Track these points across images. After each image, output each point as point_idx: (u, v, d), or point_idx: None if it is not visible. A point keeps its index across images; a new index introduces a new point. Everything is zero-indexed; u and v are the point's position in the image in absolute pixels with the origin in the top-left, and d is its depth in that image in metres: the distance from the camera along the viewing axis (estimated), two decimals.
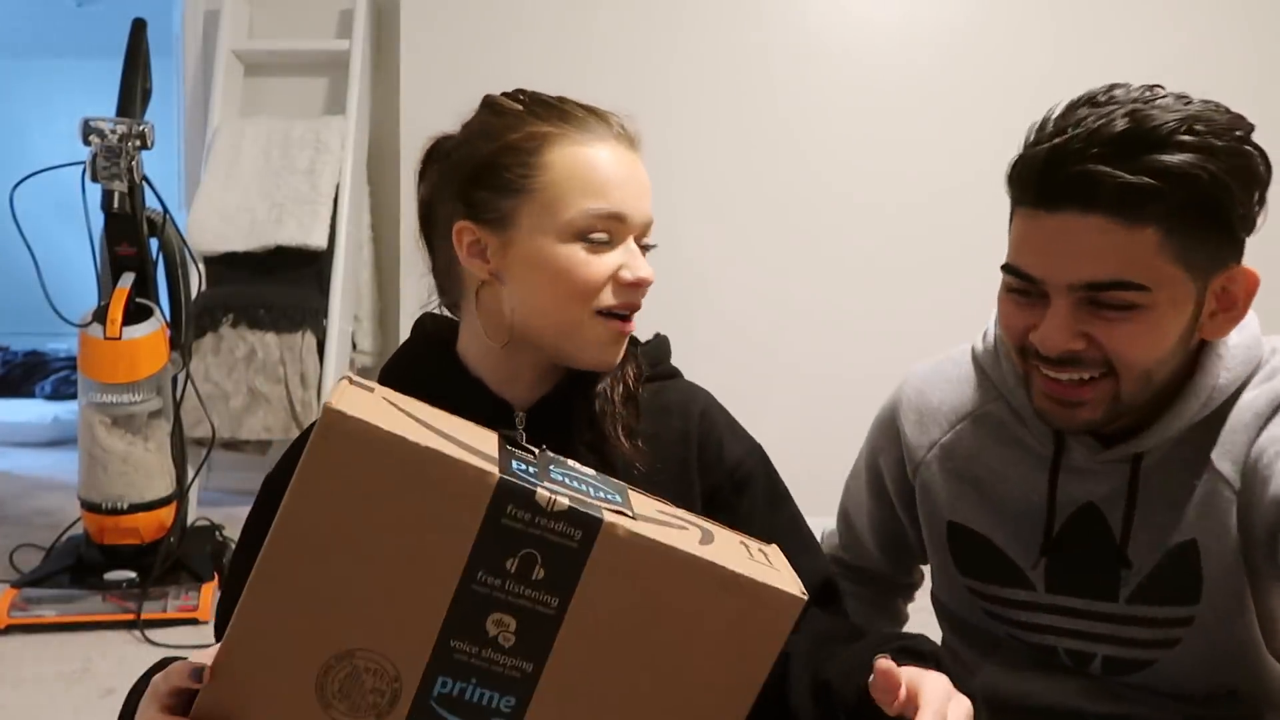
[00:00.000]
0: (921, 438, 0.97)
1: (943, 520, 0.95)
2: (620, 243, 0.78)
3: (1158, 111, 0.74)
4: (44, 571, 2.20)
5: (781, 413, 2.81)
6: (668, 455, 0.83)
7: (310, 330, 2.82)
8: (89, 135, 2.07)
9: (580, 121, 0.78)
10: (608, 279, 0.77)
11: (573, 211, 0.75)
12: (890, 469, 1.02)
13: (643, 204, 0.78)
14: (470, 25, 2.93)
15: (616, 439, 0.80)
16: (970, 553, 0.94)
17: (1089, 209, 0.74)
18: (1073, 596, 0.89)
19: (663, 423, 0.85)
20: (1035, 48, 2.77)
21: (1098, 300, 0.76)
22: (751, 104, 2.87)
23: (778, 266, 2.89)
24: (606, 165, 0.77)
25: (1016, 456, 0.90)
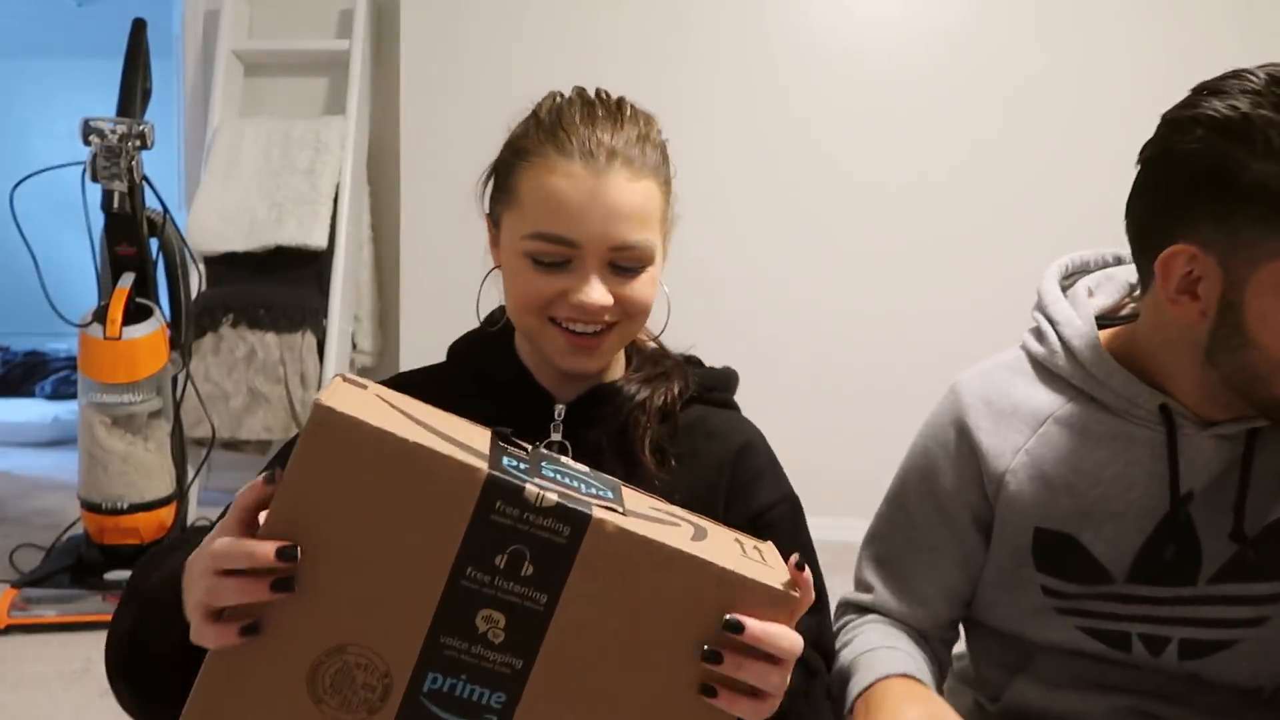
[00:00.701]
0: (1003, 444, 0.92)
1: (1029, 528, 0.91)
2: (580, 265, 0.76)
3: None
4: (44, 571, 2.20)
5: (782, 413, 2.82)
6: (698, 478, 0.83)
7: (310, 330, 2.82)
8: (89, 135, 2.07)
9: (560, 143, 0.76)
10: (554, 298, 0.77)
11: (526, 232, 0.77)
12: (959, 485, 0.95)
13: (605, 227, 0.75)
14: (470, 25, 2.93)
15: (642, 452, 0.81)
16: (1052, 552, 0.90)
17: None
18: (1152, 585, 0.88)
19: (702, 445, 0.85)
20: (1039, 48, 2.77)
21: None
22: (753, 104, 2.88)
23: (779, 266, 2.89)
24: (563, 192, 0.75)
25: (1108, 458, 0.88)
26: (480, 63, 2.91)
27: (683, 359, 0.91)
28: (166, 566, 0.66)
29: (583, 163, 0.75)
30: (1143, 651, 0.89)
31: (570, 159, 0.75)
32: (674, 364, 0.89)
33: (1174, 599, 0.87)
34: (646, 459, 0.81)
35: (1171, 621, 0.88)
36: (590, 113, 0.79)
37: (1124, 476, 0.87)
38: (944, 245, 2.81)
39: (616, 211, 0.75)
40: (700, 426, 0.86)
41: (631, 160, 0.77)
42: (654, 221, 0.79)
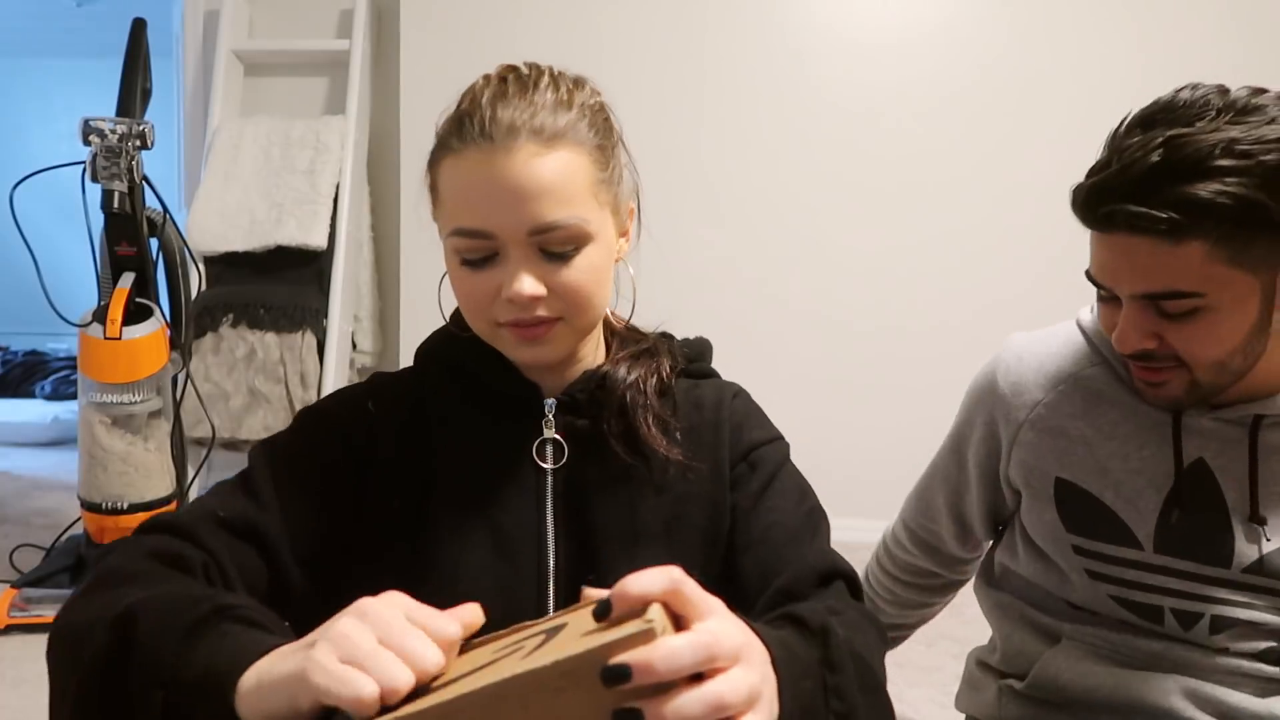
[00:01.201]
0: (1022, 398, 0.99)
1: (1050, 476, 0.97)
2: (505, 256, 0.71)
3: (1199, 139, 0.77)
4: (44, 571, 2.20)
5: (782, 413, 2.81)
6: (703, 449, 0.80)
7: (310, 330, 2.82)
8: (89, 135, 2.07)
9: (462, 129, 0.71)
10: (491, 297, 0.72)
11: (445, 230, 0.73)
12: (983, 434, 1.04)
13: (518, 211, 0.69)
14: (470, 25, 2.94)
15: (648, 431, 0.78)
16: (1079, 510, 0.95)
17: (1134, 233, 0.79)
18: (1183, 559, 0.90)
19: (697, 417, 0.82)
20: (1044, 48, 2.77)
21: (1159, 307, 0.82)
22: (754, 103, 2.88)
23: (780, 266, 2.89)
24: (467, 181, 0.70)
25: (1120, 417, 0.94)
26: (480, 63, 2.89)
27: (659, 335, 0.88)
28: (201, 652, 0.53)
29: (482, 144, 0.69)
30: (1174, 624, 0.91)
31: (472, 144, 0.70)
32: (655, 340, 0.85)
33: (1206, 578, 0.89)
34: (654, 437, 0.78)
35: (1204, 599, 0.90)
36: (501, 89, 0.72)
37: (1136, 435, 0.93)
38: (947, 245, 2.81)
39: (524, 191, 0.68)
40: (690, 398, 0.83)
41: (540, 130, 0.69)
42: (579, 195, 0.71)
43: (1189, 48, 2.72)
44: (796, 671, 0.52)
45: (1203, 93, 0.80)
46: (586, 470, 0.78)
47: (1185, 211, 0.76)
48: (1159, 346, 0.84)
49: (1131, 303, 0.83)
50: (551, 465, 0.78)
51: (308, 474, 0.76)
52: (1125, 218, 0.79)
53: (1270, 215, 0.76)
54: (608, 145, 0.76)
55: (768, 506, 0.79)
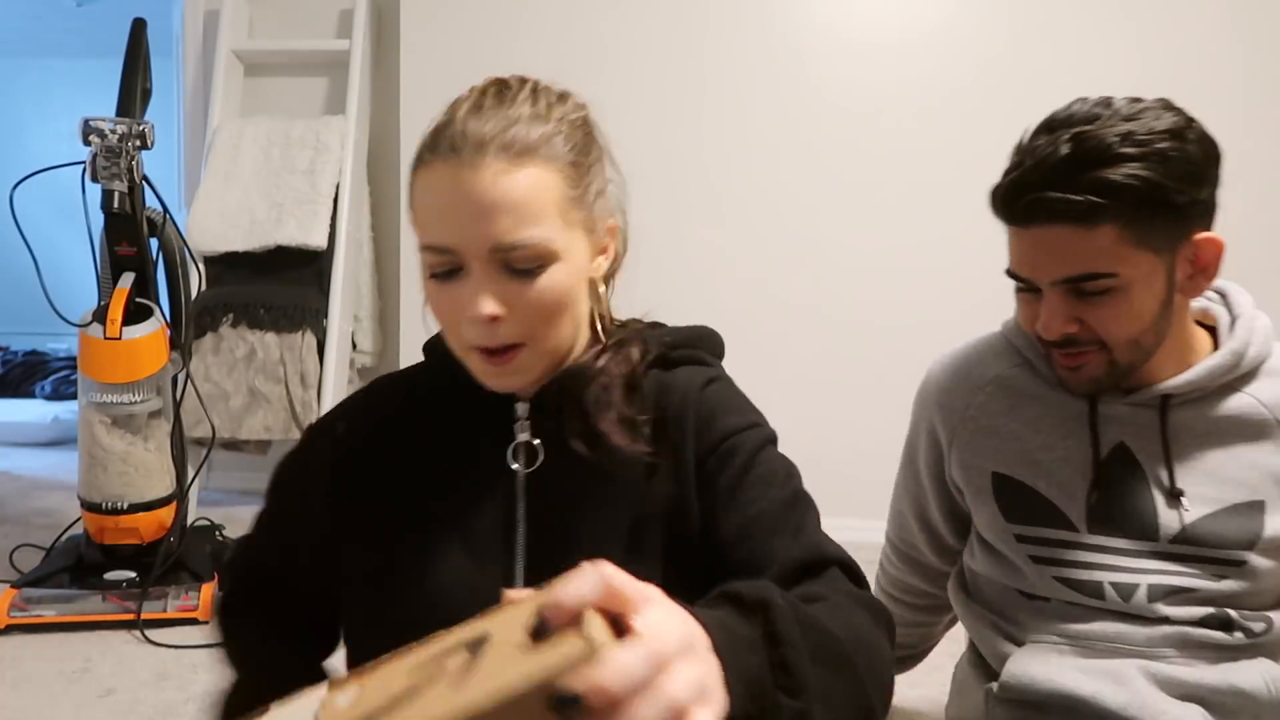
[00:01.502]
0: (955, 402, 1.08)
1: (987, 472, 1.04)
2: (469, 272, 0.69)
3: (1100, 132, 0.87)
4: (44, 571, 2.20)
5: (782, 413, 2.81)
6: (665, 443, 0.77)
7: (310, 330, 2.82)
8: (89, 135, 2.07)
9: (434, 142, 0.70)
10: (459, 313, 0.71)
11: (419, 245, 0.72)
12: (928, 442, 1.12)
13: (478, 227, 0.67)
14: (470, 25, 2.94)
15: (609, 428, 0.75)
16: (1015, 501, 1.02)
17: (1052, 222, 0.89)
18: (1114, 536, 0.97)
19: (665, 403, 0.78)
20: (1043, 48, 2.77)
21: (1078, 290, 0.90)
22: (754, 103, 2.88)
23: (779, 266, 2.89)
24: (432, 195, 0.69)
25: (1043, 412, 1.02)
26: (480, 63, 2.90)
27: (644, 325, 0.85)
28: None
29: (449, 158, 0.68)
30: (1115, 597, 0.97)
31: (439, 158, 0.69)
32: (630, 332, 0.82)
33: (1138, 552, 0.97)
34: (615, 433, 0.75)
35: (1138, 571, 0.97)
36: (479, 102, 0.71)
37: (1060, 427, 1.01)
38: (947, 243, 2.81)
39: (488, 207, 0.67)
40: (663, 382, 0.80)
41: (510, 145, 0.68)
42: (546, 213, 0.69)
43: (1188, 47, 2.72)
44: (739, 650, 0.49)
45: (1093, 102, 0.92)
46: (559, 473, 0.77)
47: (1099, 193, 0.85)
48: (1080, 330, 0.92)
49: (1052, 290, 0.91)
50: (524, 469, 0.77)
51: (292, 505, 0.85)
52: (1046, 204, 0.87)
53: (1168, 196, 0.86)
54: (584, 162, 0.74)
55: (747, 499, 0.74)
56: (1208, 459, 0.96)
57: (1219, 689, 0.93)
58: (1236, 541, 0.94)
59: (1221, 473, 0.96)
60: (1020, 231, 0.92)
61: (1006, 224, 0.94)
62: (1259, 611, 0.96)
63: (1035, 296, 0.94)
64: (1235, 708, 0.93)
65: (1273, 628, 0.96)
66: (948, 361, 1.12)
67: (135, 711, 1.72)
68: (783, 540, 0.72)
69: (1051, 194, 0.87)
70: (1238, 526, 0.94)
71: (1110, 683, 0.94)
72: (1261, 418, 0.96)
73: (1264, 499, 0.95)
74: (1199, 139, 0.89)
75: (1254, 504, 0.95)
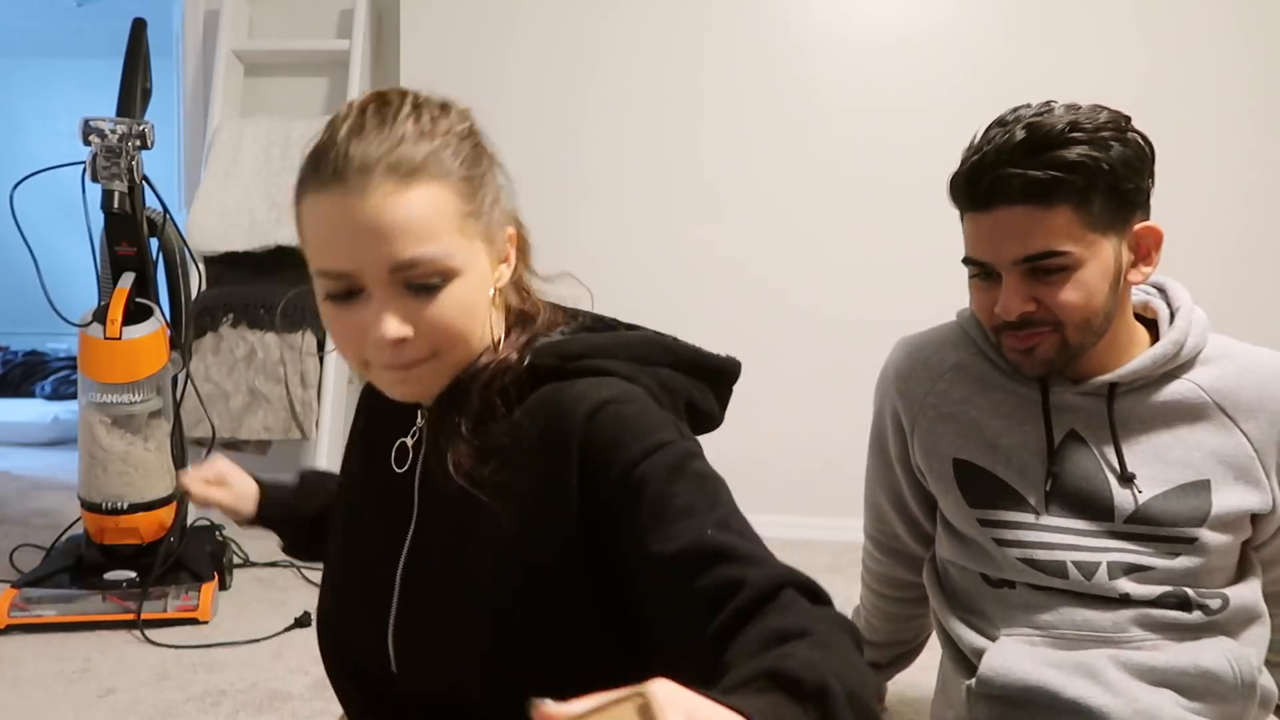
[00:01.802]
0: (916, 389, 1.13)
1: (949, 459, 1.09)
2: (370, 295, 0.68)
3: (1051, 117, 0.95)
4: (44, 571, 2.19)
5: (782, 413, 2.82)
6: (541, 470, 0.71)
7: (310, 330, 2.82)
8: (89, 135, 2.07)
9: (317, 169, 0.69)
10: (360, 335, 0.70)
11: (312, 271, 0.71)
12: (893, 428, 1.17)
13: (377, 249, 0.66)
14: (470, 25, 2.93)
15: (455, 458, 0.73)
16: (977, 486, 1.07)
17: (1012, 203, 0.95)
18: (1072, 517, 1.02)
19: (549, 422, 0.71)
20: (1042, 47, 2.77)
21: (1037, 269, 0.96)
22: (752, 103, 2.87)
23: (779, 265, 2.89)
24: (323, 222, 0.68)
25: (1001, 399, 1.08)
26: (480, 63, 2.91)
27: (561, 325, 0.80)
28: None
29: (334, 185, 0.67)
30: (1078, 576, 1.01)
31: (324, 183, 0.67)
32: (521, 343, 0.76)
33: (1096, 532, 1.02)
34: (459, 460, 0.72)
35: (1097, 550, 1.01)
36: (359, 123, 0.69)
37: (1017, 413, 1.06)
38: (947, 242, 2.81)
39: (381, 230, 0.66)
40: (546, 405, 0.72)
41: (397, 166, 0.66)
42: (442, 229, 0.68)
43: (1189, 46, 2.71)
44: None
45: (1036, 104, 0.99)
46: (441, 483, 0.74)
47: (1056, 169, 0.93)
48: (1036, 310, 0.97)
49: (1012, 270, 0.97)
50: (398, 469, 0.80)
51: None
52: (1006, 182, 0.94)
53: (1115, 181, 0.94)
54: (475, 175, 0.72)
55: (668, 535, 0.63)
56: (1154, 442, 1.02)
57: (1187, 672, 0.96)
58: (1188, 519, 0.99)
59: (1168, 455, 1.01)
60: (979, 216, 0.99)
61: (966, 210, 1.01)
62: (1214, 590, 1.01)
63: (990, 282, 1.01)
64: (1204, 689, 0.97)
65: (1228, 604, 1.00)
66: (907, 349, 1.17)
67: (135, 711, 1.72)
68: (721, 574, 0.60)
69: (1012, 171, 0.94)
70: (1187, 505, 1.00)
71: (1082, 675, 0.97)
72: (1201, 401, 1.02)
73: (1209, 478, 1.00)
74: (1136, 134, 0.98)
75: (1200, 483, 1.00)
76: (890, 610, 1.36)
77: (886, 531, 1.27)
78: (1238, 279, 2.65)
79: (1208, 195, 2.68)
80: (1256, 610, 1.03)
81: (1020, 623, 1.03)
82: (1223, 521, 0.99)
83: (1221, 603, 1.00)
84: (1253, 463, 1.00)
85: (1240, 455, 1.01)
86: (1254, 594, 1.03)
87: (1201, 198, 2.67)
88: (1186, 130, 2.66)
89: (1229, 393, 1.02)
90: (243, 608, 2.23)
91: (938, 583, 1.17)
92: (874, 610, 1.37)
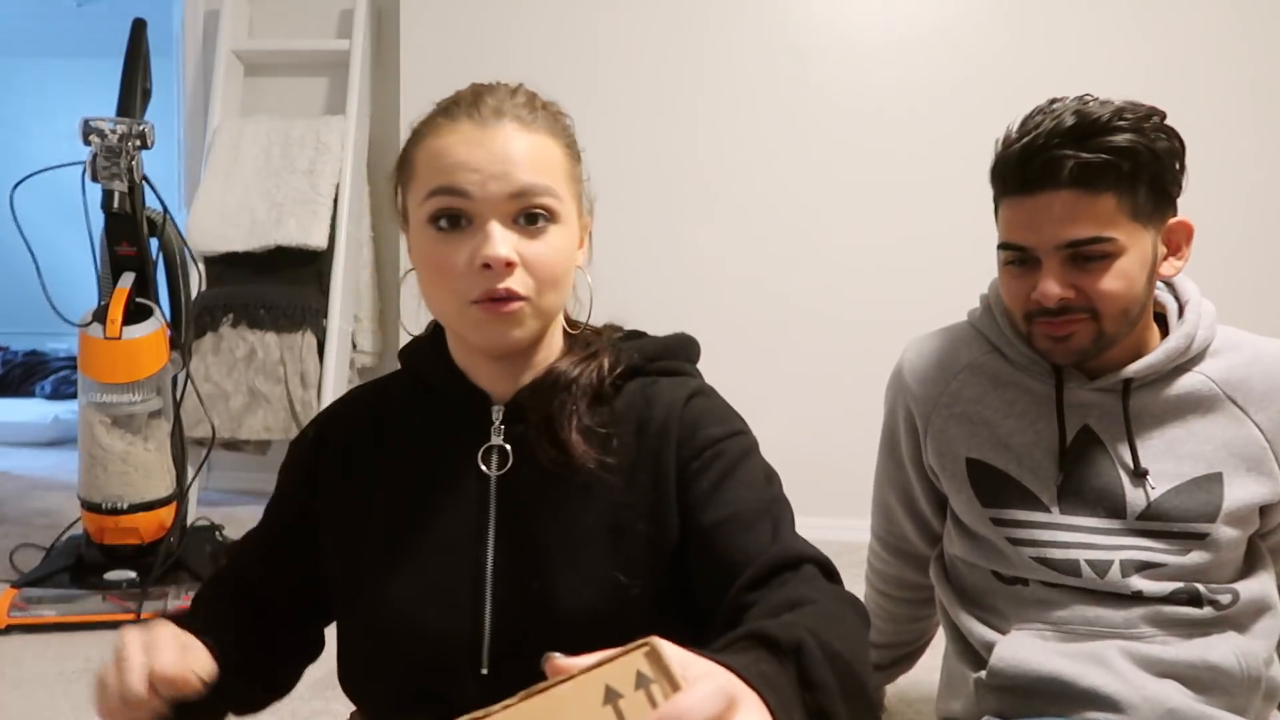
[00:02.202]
0: (929, 390, 1.12)
1: (962, 458, 1.09)
2: (480, 221, 0.73)
3: (1095, 106, 0.96)
4: (44, 571, 2.20)
5: (782, 413, 2.82)
6: (646, 453, 0.79)
7: (310, 330, 2.82)
8: (89, 135, 2.07)
9: (448, 112, 0.76)
10: (463, 268, 0.73)
11: (421, 198, 0.75)
12: (906, 429, 1.17)
13: (499, 173, 0.72)
14: (470, 25, 2.94)
15: (567, 437, 0.78)
16: (990, 485, 1.07)
17: (1059, 186, 0.95)
18: (1085, 515, 1.02)
19: (647, 414, 0.80)
20: (1043, 46, 2.77)
21: (1079, 255, 0.96)
22: (752, 102, 2.88)
23: (779, 265, 2.89)
24: (451, 146, 0.74)
25: (1014, 397, 1.07)
26: (480, 63, 2.91)
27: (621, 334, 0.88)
28: None
29: (469, 119, 0.75)
30: (1091, 574, 1.01)
31: (458, 120, 0.75)
32: (602, 341, 0.85)
33: (1109, 529, 1.02)
34: (574, 443, 0.77)
35: (1110, 548, 1.01)
36: (483, 87, 0.78)
37: (1030, 411, 1.06)
38: (946, 242, 2.81)
39: (506, 156, 0.73)
40: (641, 397, 0.82)
41: (521, 117, 0.75)
42: (556, 173, 0.76)
43: (1191, 46, 2.71)
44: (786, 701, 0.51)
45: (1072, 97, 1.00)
46: (529, 476, 0.79)
47: (1108, 153, 0.93)
48: (1075, 297, 0.97)
49: (1053, 256, 0.97)
50: (496, 471, 0.79)
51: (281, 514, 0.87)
52: (1059, 164, 0.94)
53: (1159, 170, 0.96)
54: (575, 149, 0.80)
55: (725, 499, 0.76)
56: (1166, 436, 1.02)
57: (1195, 665, 0.97)
58: (1199, 514, 0.99)
59: (1180, 449, 1.02)
60: (1021, 200, 0.97)
61: (1013, 193, 0.99)
62: (1224, 585, 1.01)
63: (1025, 269, 1.00)
64: (1209, 682, 0.97)
65: (1238, 600, 1.00)
66: (920, 349, 1.17)
67: None
68: (758, 538, 0.73)
69: (1064, 153, 0.93)
70: (1199, 500, 1.00)
71: (1093, 664, 0.97)
72: (1212, 393, 1.02)
73: (1221, 470, 1.00)
74: (1171, 129, 0.99)
75: (1212, 476, 1.00)
76: (895, 611, 1.35)
77: (895, 532, 1.26)
78: (1239, 279, 2.65)
79: (1208, 195, 2.68)
80: (1267, 603, 1.03)
81: (1033, 618, 1.03)
82: (1235, 516, 1.00)
83: (1232, 598, 1.00)
84: (1265, 453, 1.01)
85: (1252, 446, 1.01)
86: (1263, 587, 1.03)
87: (1202, 198, 2.66)
88: (1186, 130, 2.66)
89: (1239, 383, 1.02)
90: None
91: (945, 578, 1.17)
92: (878, 611, 1.37)
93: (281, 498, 0.88)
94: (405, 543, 0.79)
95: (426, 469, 0.81)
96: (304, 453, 0.87)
